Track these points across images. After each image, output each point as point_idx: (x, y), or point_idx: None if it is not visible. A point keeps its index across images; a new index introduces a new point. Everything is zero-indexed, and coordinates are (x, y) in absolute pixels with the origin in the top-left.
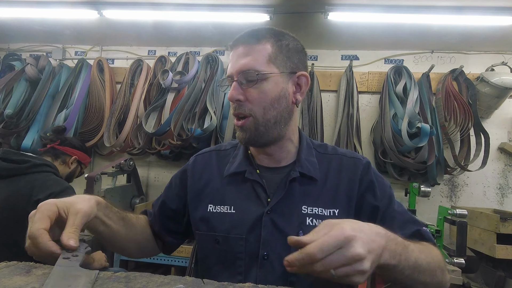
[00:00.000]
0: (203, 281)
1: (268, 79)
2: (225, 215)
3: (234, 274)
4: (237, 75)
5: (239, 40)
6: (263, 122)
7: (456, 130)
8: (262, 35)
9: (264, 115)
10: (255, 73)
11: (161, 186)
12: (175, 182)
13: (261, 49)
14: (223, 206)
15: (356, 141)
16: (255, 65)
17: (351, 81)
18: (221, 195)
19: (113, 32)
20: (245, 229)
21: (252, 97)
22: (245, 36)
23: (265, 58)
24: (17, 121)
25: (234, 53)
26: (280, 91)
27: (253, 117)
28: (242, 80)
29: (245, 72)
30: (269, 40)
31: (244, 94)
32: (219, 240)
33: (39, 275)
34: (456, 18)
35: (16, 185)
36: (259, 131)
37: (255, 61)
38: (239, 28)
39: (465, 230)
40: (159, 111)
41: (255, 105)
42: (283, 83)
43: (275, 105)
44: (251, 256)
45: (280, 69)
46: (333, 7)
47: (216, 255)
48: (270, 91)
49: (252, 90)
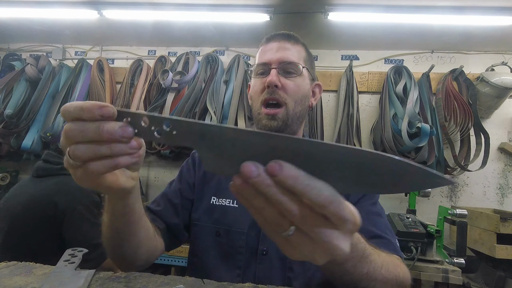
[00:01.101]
0: (203, 281)
1: (303, 76)
2: (228, 209)
3: (233, 268)
4: (278, 64)
5: (278, 36)
6: (292, 114)
7: (456, 130)
8: (297, 38)
9: (294, 107)
10: (296, 66)
11: (161, 186)
12: (185, 172)
13: (299, 50)
14: (226, 199)
15: (356, 141)
16: (297, 59)
17: (351, 81)
18: (225, 188)
19: (113, 32)
20: (247, 224)
21: (289, 87)
22: (284, 35)
23: (302, 58)
24: (17, 121)
25: (272, 45)
26: (307, 91)
27: (285, 107)
28: (281, 69)
29: (287, 62)
30: (303, 45)
31: (282, 82)
32: (221, 233)
33: (39, 275)
34: (456, 18)
35: (44, 185)
36: (287, 123)
37: (296, 56)
38: (239, 28)
39: (465, 230)
40: (159, 111)
41: (290, 95)
42: (309, 85)
43: (303, 102)
44: (251, 251)
45: (310, 72)
46: (333, 7)
47: (216, 248)
48: (303, 87)
49: (289, 82)
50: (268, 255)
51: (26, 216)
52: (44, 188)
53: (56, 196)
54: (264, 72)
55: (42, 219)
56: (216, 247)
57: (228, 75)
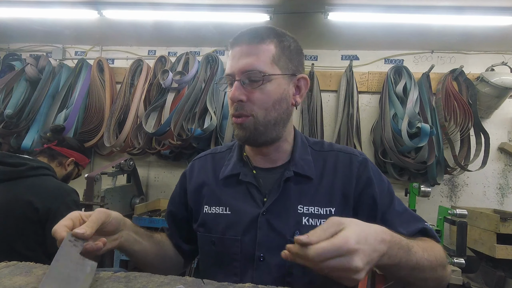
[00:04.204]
0: (203, 281)
1: (272, 80)
2: (220, 216)
3: (230, 275)
4: (240, 75)
5: (241, 38)
6: (263, 122)
7: (456, 130)
8: (265, 34)
9: (265, 116)
10: (260, 73)
11: (161, 186)
12: (177, 190)
13: (265, 49)
14: (219, 207)
15: (356, 141)
16: (259, 66)
17: (351, 81)
18: (216, 196)
19: (113, 32)
20: (240, 230)
21: (255, 98)
22: (248, 35)
23: (269, 59)
24: (17, 121)
25: (235, 51)
26: (281, 93)
27: (253, 117)
28: (244, 80)
29: (249, 72)
30: (273, 40)
31: (247, 94)
32: (215, 241)
33: (39, 275)
34: (456, 18)
35: (15, 190)
36: (258, 131)
37: (259, 61)
38: (239, 28)
39: (465, 230)
40: (159, 111)
41: (257, 106)
42: (284, 85)
43: (277, 107)
44: (246, 258)
45: (283, 71)
46: (333, 7)
47: (213, 256)
48: (273, 92)
49: (255, 91)
50: (265, 261)
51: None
52: (16, 193)
53: (34, 200)
54: (231, 83)
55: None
56: (212, 256)
57: None
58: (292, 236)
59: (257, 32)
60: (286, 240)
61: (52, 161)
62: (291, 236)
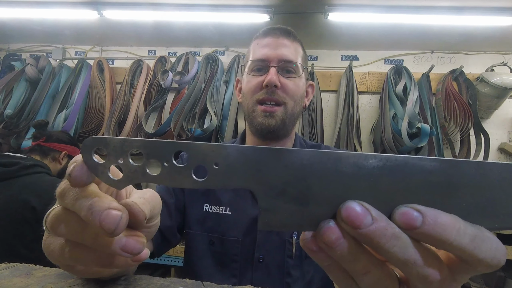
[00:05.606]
0: (203, 283)
1: (301, 76)
2: (220, 216)
3: (228, 277)
4: (277, 62)
5: (276, 31)
6: (290, 114)
7: (456, 130)
8: (295, 35)
9: (293, 107)
10: (296, 66)
11: None
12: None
13: (297, 48)
14: (219, 206)
15: (356, 142)
16: (297, 59)
17: (351, 81)
18: (217, 195)
19: (113, 32)
20: (241, 231)
21: (288, 87)
22: (282, 30)
23: (301, 56)
24: (17, 121)
25: (270, 40)
26: (303, 91)
27: (285, 106)
28: (282, 68)
29: (288, 61)
30: (300, 43)
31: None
32: (214, 241)
33: (39, 277)
34: (456, 18)
35: (9, 190)
36: (284, 122)
37: (296, 55)
38: (239, 28)
39: None
40: (159, 111)
41: (289, 96)
42: (304, 85)
43: (300, 102)
44: (246, 259)
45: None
46: (333, 7)
47: (211, 256)
48: (300, 87)
49: (289, 82)
50: (264, 262)
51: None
52: (11, 194)
53: (31, 199)
54: (262, 69)
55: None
56: (210, 256)
57: (228, 76)
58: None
59: (288, 31)
60: (284, 241)
61: (45, 158)
62: (290, 237)
